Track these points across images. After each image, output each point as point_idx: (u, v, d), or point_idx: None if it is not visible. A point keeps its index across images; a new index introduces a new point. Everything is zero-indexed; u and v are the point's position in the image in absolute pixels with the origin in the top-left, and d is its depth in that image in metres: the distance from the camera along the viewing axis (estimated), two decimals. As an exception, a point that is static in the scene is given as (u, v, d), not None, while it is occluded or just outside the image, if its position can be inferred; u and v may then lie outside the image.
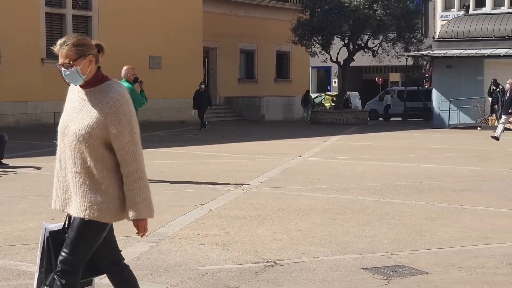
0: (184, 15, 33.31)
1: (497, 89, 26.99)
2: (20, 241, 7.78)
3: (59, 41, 4.24)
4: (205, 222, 9.02)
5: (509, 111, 22.61)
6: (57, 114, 26.89)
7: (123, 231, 8.29)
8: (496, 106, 27.14)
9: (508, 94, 22.89)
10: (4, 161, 14.68)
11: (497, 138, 22.19)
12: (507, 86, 23.19)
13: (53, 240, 4.38)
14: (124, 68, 13.10)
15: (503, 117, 22.90)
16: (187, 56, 33.33)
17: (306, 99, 40.15)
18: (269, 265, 6.87)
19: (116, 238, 4.65)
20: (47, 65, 28.20)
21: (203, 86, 28.68)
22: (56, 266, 4.27)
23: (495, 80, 27.24)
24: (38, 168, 14.46)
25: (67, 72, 4.20)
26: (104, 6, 30.46)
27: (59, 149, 4.36)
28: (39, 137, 22.43)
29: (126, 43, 31.10)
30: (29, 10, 28.25)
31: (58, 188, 4.39)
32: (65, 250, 4.24)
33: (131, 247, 7.49)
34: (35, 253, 5.16)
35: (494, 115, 27.37)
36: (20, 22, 27.94)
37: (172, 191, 11.69)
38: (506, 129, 27.88)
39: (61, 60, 4.20)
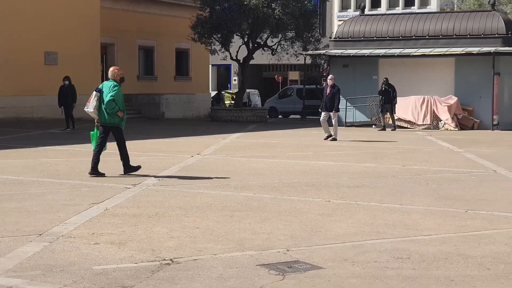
0: (81, 10, 32.69)
1: (389, 89, 27.63)
2: None
3: None
4: (101, 220, 8.89)
5: (331, 108, 22.07)
6: None
7: (15, 230, 8.09)
8: (386, 106, 27.75)
9: (328, 91, 22.23)
10: None
11: (334, 139, 22.05)
12: (329, 81, 22.44)
13: None
14: (111, 69, 13.33)
15: (323, 114, 22.35)
16: (84, 52, 32.72)
17: (219, 98, 40.29)
18: (165, 263, 6.83)
19: (8, 238, 4.53)
20: None
21: (67, 82, 26.47)
22: None
23: (386, 79, 27.92)
24: None
25: None
26: (-3, -1, 29.53)
27: None
28: None
29: (21, 38, 30.26)
30: None
31: None
32: None
33: (23, 247, 7.30)
34: None
35: (388, 113, 28.02)
36: None
37: (67, 189, 11.46)
38: (399, 126, 28.72)
39: None
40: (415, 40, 30.64)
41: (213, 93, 45.24)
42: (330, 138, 22.22)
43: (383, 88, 27.66)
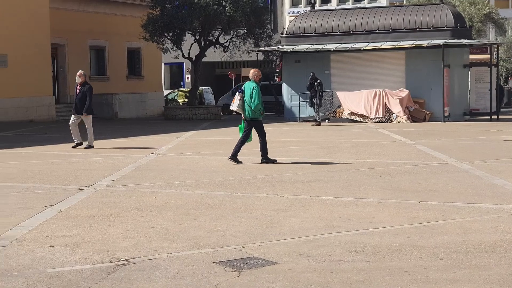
0: (30, 11, 32.22)
1: (315, 83, 27.77)
2: None
3: None
4: (55, 223, 8.81)
5: None
6: None
7: (-33, 236, 7.97)
8: (314, 100, 27.90)
9: (78, 90, 19.56)
10: None
11: (90, 146, 19.17)
12: (77, 78, 19.57)
13: None
14: (251, 71, 15.41)
15: (72, 117, 19.51)
16: (34, 53, 32.26)
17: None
18: (121, 264, 6.80)
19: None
20: None
21: None
22: None
23: (313, 74, 28.10)
24: None
25: None
26: None
27: None
28: None
29: (-32, 40, 29.75)
30: None
31: None
32: None
33: (-24, 253, 7.21)
34: None
35: (318, 108, 28.03)
36: None
37: (20, 192, 11.32)
38: (352, 120, 28.94)
39: None
40: (365, 35, 30.90)
41: (167, 92, 45.13)
42: (84, 146, 19.14)
43: (310, 83, 27.84)
